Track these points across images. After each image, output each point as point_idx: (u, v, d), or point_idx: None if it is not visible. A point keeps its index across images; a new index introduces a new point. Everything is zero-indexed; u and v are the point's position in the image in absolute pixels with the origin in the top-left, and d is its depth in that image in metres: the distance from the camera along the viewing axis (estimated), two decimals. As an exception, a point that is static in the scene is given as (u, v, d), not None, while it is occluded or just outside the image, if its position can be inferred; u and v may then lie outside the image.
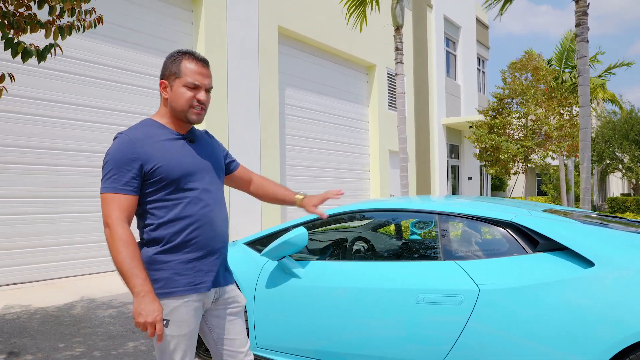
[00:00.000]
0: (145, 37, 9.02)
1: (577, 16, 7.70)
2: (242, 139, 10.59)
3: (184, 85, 2.06)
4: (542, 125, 14.34)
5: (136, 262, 1.91)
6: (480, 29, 24.02)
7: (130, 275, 1.89)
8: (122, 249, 1.90)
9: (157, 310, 1.90)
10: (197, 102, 2.08)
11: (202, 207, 2.07)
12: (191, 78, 2.06)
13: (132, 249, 1.92)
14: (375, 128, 15.41)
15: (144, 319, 1.88)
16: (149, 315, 1.88)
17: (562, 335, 2.49)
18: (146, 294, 1.89)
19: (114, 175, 1.96)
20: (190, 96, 2.07)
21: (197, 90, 2.08)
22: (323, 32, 13.04)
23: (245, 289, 3.55)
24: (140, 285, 1.89)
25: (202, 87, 2.09)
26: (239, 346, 2.22)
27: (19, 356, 4.11)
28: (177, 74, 2.07)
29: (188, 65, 2.07)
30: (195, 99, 2.08)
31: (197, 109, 2.09)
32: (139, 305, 1.88)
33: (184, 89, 2.07)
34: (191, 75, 2.06)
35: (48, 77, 7.58)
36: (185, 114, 2.08)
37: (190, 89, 2.07)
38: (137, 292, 1.89)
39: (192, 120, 2.10)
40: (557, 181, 27.14)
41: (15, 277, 7.12)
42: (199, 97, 2.08)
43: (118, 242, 1.91)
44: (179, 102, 2.07)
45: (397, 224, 4.49)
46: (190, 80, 2.06)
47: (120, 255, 1.90)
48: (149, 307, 1.89)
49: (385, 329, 2.96)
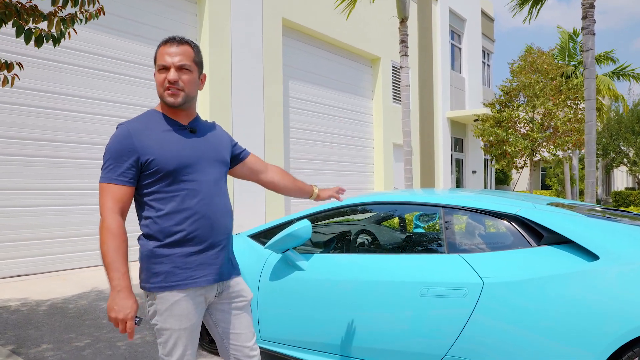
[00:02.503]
0: (148, 29, 9.01)
1: (584, 8, 7.66)
2: (246, 132, 10.59)
3: (159, 70, 2.04)
4: (551, 120, 14.29)
5: (119, 256, 1.90)
6: (486, 21, 23.88)
7: (111, 267, 1.89)
8: (107, 240, 1.90)
9: (130, 307, 1.90)
10: (167, 82, 2.02)
11: (201, 199, 2.05)
12: (160, 61, 2.03)
13: (118, 242, 1.90)
14: (379, 121, 15.37)
15: (116, 315, 1.88)
16: (120, 312, 1.88)
17: (566, 328, 2.49)
18: (122, 290, 1.89)
19: (111, 166, 1.96)
20: (162, 79, 2.03)
21: (166, 70, 2.03)
22: (328, 24, 12.99)
23: (249, 282, 3.56)
24: (117, 279, 1.88)
25: (171, 66, 2.02)
26: (245, 340, 2.20)
27: (23, 347, 4.13)
28: (155, 61, 2.07)
29: (161, 49, 2.05)
30: (167, 80, 2.02)
31: (170, 90, 2.02)
32: (113, 300, 1.89)
33: (158, 73, 2.05)
34: (161, 58, 2.03)
35: (51, 69, 7.58)
36: (162, 99, 2.05)
37: (162, 72, 2.04)
38: (114, 285, 1.89)
39: (168, 102, 2.04)
40: (561, 175, 27.05)
41: (20, 269, 7.16)
42: (169, 77, 2.01)
43: (106, 233, 1.90)
44: (157, 88, 2.06)
45: (401, 216, 4.48)
46: (160, 63, 2.03)
47: (104, 246, 1.90)
48: (122, 302, 1.88)
49: (388, 321, 2.96)
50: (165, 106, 2.10)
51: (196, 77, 2.09)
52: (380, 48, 15.23)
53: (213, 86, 9.84)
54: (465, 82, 21.13)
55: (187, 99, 2.06)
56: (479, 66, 22.32)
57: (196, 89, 2.11)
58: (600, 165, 30.12)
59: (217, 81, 9.95)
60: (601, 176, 31.03)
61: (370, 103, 15.45)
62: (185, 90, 2.05)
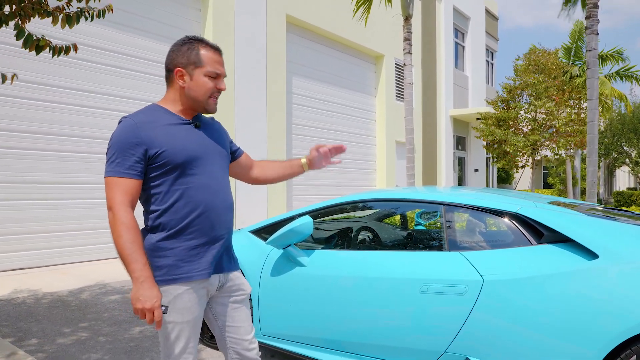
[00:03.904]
0: (152, 24, 9.02)
1: (588, 8, 7.64)
2: (249, 127, 10.60)
3: (206, 75, 2.05)
4: (552, 120, 14.27)
5: (137, 247, 1.90)
6: (490, 20, 23.84)
7: (130, 259, 1.88)
8: (123, 233, 1.89)
9: (156, 297, 1.89)
10: (217, 91, 2.09)
11: (206, 193, 2.06)
12: (212, 67, 2.05)
13: (134, 234, 1.90)
14: (382, 119, 15.37)
15: (142, 305, 1.87)
16: (147, 301, 1.87)
17: (565, 326, 2.50)
18: (145, 280, 1.88)
19: (118, 159, 1.94)
20: (211, 86, 2.07)
21: (218, 79, 2.08)
22: (332, 21, 12.98)
23: (251, 277, 3.58)
24: (139, 271, 1.88)
25: (222, 75, 2.09)
26: (244, 334, 2.22)
27: (24, 340, 4.16)
28: (198, 62, 2.04)
29: (207, 54, 2.06)
30: (216, 88, 2.08)
31: (216, 98, 2.10)
32: (137, 290, 1.88)
33: (206, 78, 2.05)
34: (212, 65, 2.05)
35: (56, 63, 7.60)
36: (204, 104, 2.08)
37: (211, 79, 2.07)
38: (137, 277, 1.88)
39: (210, 109, 2.10)
40: (563, 174, 27.03)
41: (21, 262, 7.19)
42: (220, 87, 2.09)
43: (120, 226, 1.90)
44: (199, 91, 2.06)
45: (402, 214, 4.50)
46: (212, 70, 2.05)
47: (121, 239, 1.89)
48: (148, 292, 1.88)
49: (388, 317, 2.98)
50: (175, 103, 2.10)
51: None
52: (384, 45, 15.22)
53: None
54: (469, 81, 21.11)
55: None
56: (483, 64, 22.29)
57: None
58: (603, 165, 30.08)
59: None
60: (603, 176, 30.98)
61: (373, 100, 15.45)
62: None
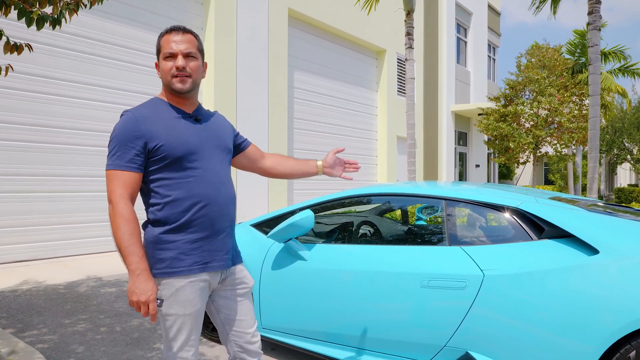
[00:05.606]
0: (153, 17, 9.00)
1: (590, 4, 7.62)
2: (251, 122, 10.60)
3: (164, 58, 2.07)
4: (556, 116, 14.24)
5: (134, 240, 1.92)
6: (492, 15, 23.77)
7: (127, 252, 1.90)
8: (122, 226, 1.91)
9: (151, 290, 1.91)
10: (175, 69, 2.05)
11: (207, 186, 2.07)
12: (167, 49, 2.06)
13: (132, 227, 1.92)
14: (383, 113, 15.36)
15: (137, 298, 1.90)
16: (142, 294, 1.90)
17: (565, 321, 2.51)
18: (141, 273, 1.91)
19: (118, 152, 1.97)
20: (170, 66, 2.06)
21: (173, 58, 2.07)
22: (334, 15, 12.95)
23: (252, 271, 3.59)
24: (136, 263, 1.90)
25: (178, 53, 2.06)
26: (246, 327, 2.23)
27: (25, 331, 4.18)
28: (159, 50, 2.09)
29: (165, 38, 2.08)
30: (174, 67, 2.06)
31: (179, 77, 2.06)
32: (133, 283, 1.90)
33: (164, 61, 2.07)
34: (166, 46, 2.06)
35: (57, 55, 7.59)
36: (170, 86, 2.08)
37: (168, 59, 2.07)
38: (133, 269, 1.90)
39: (176, 89, 2.07)
40: (564, 170, 27.02)
41: (23, 254, 7.21)
42: (177, 64, 2.05)
43: (119, 219, 1.92)
44: (164, 76, 2.08)
45: (403, 208, 4.50)
46: (167, 51, 2.06)
47: (119, 232, 1.91)
48: (143, 285, 1.90)
49: (389, 311, 2.99)
50: (170, 94, 2.12)
51: (201, 64, 2.14)
52: (386, 40, 15.18)
53: (218, 75, 9.84)
54: (471, 76, 21.06)
55: (194, 85, 2.11)
56: (485, 60, 22.23)
57: (201, 76, 2.15)
58: (604, 161, 30.05)
59: (222, 70, 9.95)
60: (604, 172, 30.96)
61: (375, 95, 15.43)
62: (192, 77, 2.09)
